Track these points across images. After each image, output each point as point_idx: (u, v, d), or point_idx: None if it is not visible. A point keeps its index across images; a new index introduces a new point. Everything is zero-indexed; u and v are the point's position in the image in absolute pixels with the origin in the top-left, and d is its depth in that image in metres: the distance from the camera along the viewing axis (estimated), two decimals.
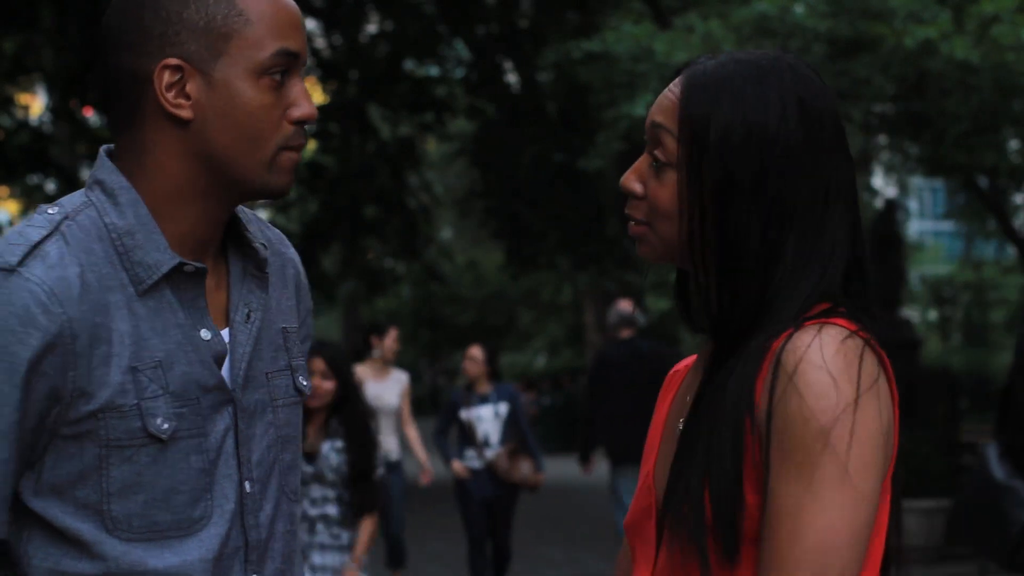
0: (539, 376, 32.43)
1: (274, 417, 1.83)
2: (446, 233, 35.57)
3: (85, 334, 1.66)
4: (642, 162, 1.74)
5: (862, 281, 1.70)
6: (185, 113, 1.72)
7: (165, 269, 1.72)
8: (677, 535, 1.65)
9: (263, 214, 25.90)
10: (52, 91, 18.08)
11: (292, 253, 1.94)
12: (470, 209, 22.32)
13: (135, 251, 1.71)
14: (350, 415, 5.66)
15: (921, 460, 11.29)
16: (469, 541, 9.16)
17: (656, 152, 1.71)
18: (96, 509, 1.68)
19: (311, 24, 20.05)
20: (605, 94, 12.07)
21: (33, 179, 20.07)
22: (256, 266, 1.83)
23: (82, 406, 1.67)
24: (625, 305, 9.61)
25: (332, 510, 5.65)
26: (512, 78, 19.50)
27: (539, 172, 18.00)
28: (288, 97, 1.75)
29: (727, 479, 1.61)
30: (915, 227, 40.88)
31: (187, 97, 1.72)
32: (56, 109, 17.94)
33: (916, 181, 31.37)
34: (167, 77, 1.71)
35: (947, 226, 36.50)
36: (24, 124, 18.50)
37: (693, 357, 1.84)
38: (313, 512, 5.63)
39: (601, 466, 11.50)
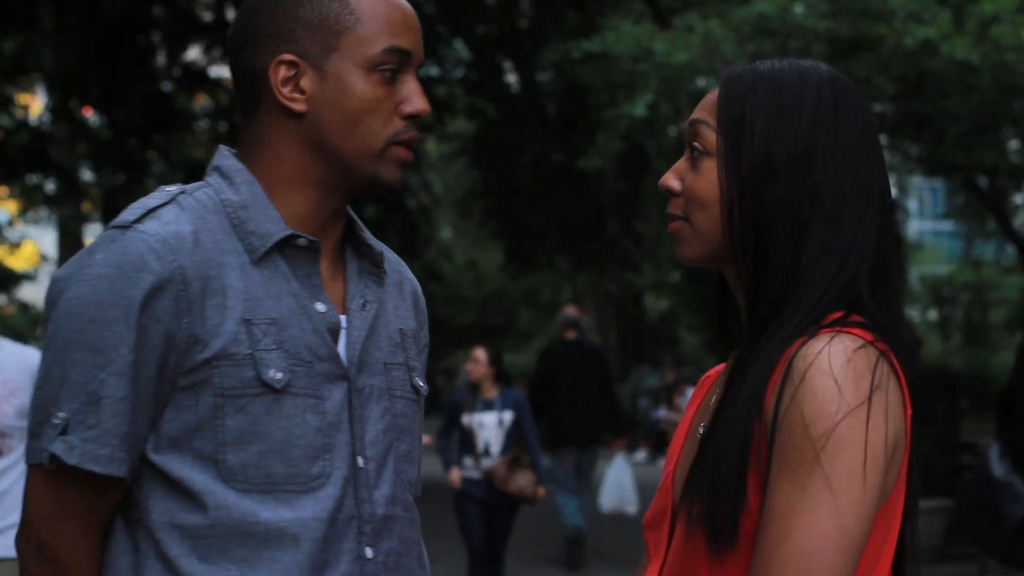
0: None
1: (391, 405, 1.90)
2: (446, 233, 35.56)
3: (198, 283, 1.76)
4: (680, 162, 1.79)
5: (886, 283, 1.71)
6: (299, 106, 1.83)
7: (277, 237, 1.82)
8: (685, 531, 1.68)
9: None
10: (52, 91, 18.08)
11: (410, 275, 2.06)
12: (470, 209, 22.33)
13: (249, 222, 1.82)
14: None
15: (921, 460, 11.24)
16: (469, 553, 8.77)
17: (695, 144, 1.76)
18: (212, 459, 1.76)
19: None
20: (605, 94, 12.07)
21: (33, 179, 20.07)
22: (372, 263, 1.93)
23: (197, 354, 1.76)
24: (571, 310, 11.18)
25: None
26: (512, 78, 19.50)
27: (539, 172, 18.00)
28: (400, 93, 1.85)
29: (731, 478, 1.63)
30: (915, 227, 40.85)
31: (301, 91, 1.83)
32: (56, 109, 17.95)
33: (916, 181, 31.35)
34: (283, 72, 1.83)
35: (947, 226, 36.47)
36: (24, 124, 18.49)
37: (722, 365, 1.85)
38: None
39: (602, 465, 11.51)
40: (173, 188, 1.85)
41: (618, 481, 11.84)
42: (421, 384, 1.97)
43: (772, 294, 1.68)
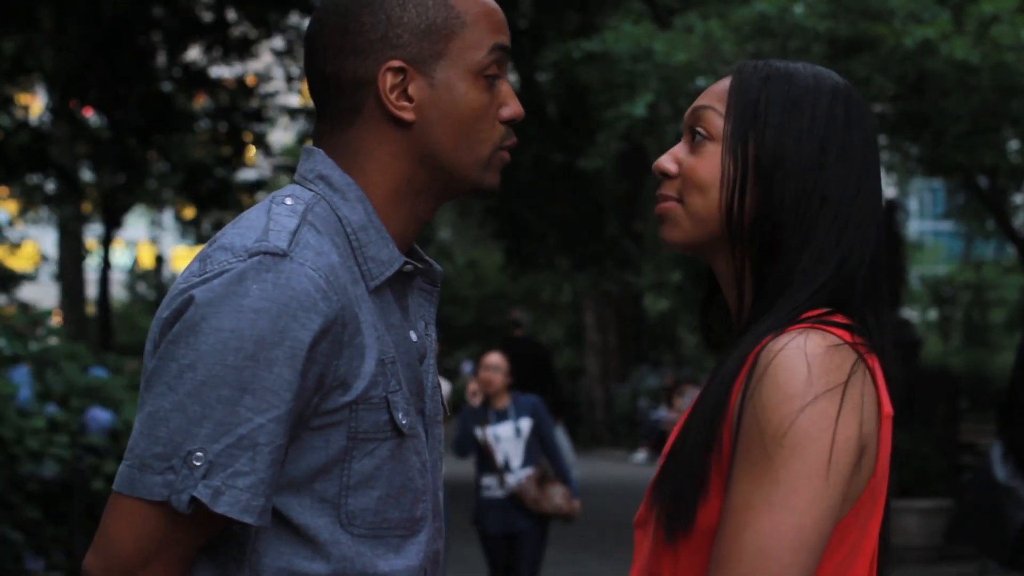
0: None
1: (438, 432, 1.83)
2: (446, 233, 35.56)
3: (351, 323, 1.65)
4: (677, 147, 1.76)
5: (876, 291, 1.70)
6: (408, 115, 1.73)
7: (397, 266, 1.73)
8: (656, 518, 1.67)
9: None
10: (52, 91, 18.08)
11: None
12: (470, 209, 22.32)
13: (369, 246, 1.72)
14: None
15: (921, 460, 11.27)
16: None
17: (697, 128, 1.73)
18: (333, 503, 1.67)
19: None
20: (605, 94, 12.07)
21: (33, 179, 20.07)
22: (429, 280, 1.84)
23: (339, 397, 1.65)
24: (515, 314, 13.71)
25: None
26: (512, 78, 19.50)
27: (539, 172, 17.99)
28: (498, 97, 1.77)
29: (690, 471, 1.62)
30: (915, 227, 40.86)
31: (409, 99, 1.73)
32: (56, 109, 17.95)
33: (916, 181, 31.36)
34: (390, 79, 1.72)
35: (947, 226, 36.47)
36: (24, 124, 18.50)
37: None
38: None
39: (602, 465, 11.55)
40: (292, 202, 1.71)
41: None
42: (445, 403, 1.88)
43: (773, 292, 1.67)
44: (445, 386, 8.51)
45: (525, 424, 7.64)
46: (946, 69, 10.51)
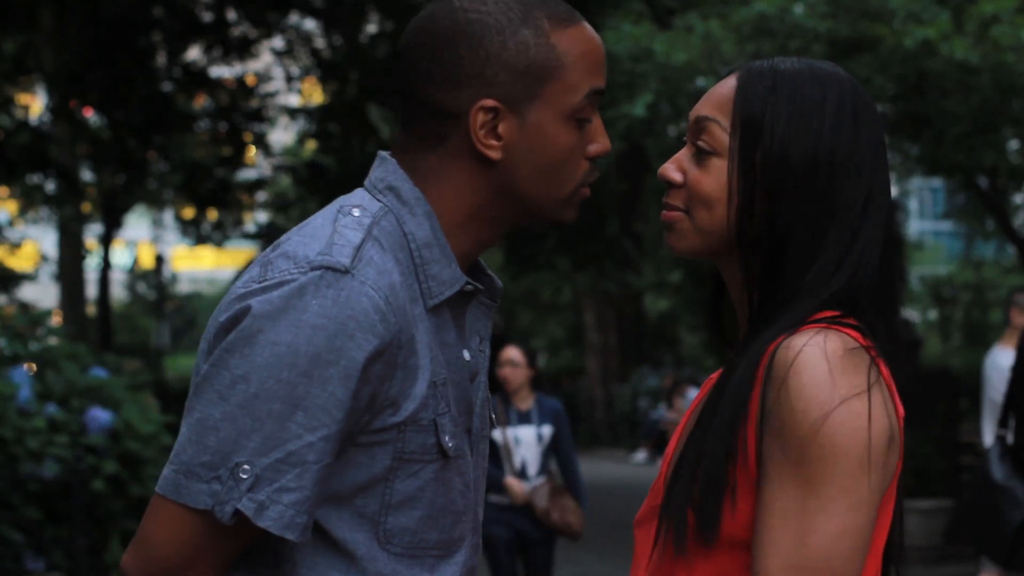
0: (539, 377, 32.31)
1: (483, 447, 1.81)
2: None
3: (407, 345, 1.64)
4: (681, 153, 1.75)
5: (887, 290, 1.71)
6: (495, 154, 1.69)
7: (458, 287, 1.70)
8: (665, 528, 1.66)
9: (263, 214, 25.89)
10: (52, 91, 18.09)
11: None
12: None
13: (431, 264, 1.69)
14: None
15: (921, 460, 11.27)
16: None
17: (700, 142, 1.72)
18: (373, 520, 1.66)
19: (311, 24, 20.05)
20: (605, 94, 12.06)
21: (33, 179, 20.08)
22: (488, 296, 1.81)
23: (388, 417, 1.64)
24: None
25: None
26: None
27: None
28: (587, 136, 1.74)
29: (713, 478, 1.60)
30: (915, 227, 40.86)
31: (498, 138, 1.70)
32: (56, 109, 17.96)
33: (916, 181, 31.36)
34: (481, 118, 1.69)
35: (947, 226, 36.47)
36: (24, 124, 18.51)
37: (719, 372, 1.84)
38: None
39: (602, 465, 11.58)
40: (359, 214, 1.68)
41: None
42: (494, 415, 1.86)
43: (779, 300, 1.67)
44: None
45: (547, 431, 7.15)
46: (946, 69, 10.51)
